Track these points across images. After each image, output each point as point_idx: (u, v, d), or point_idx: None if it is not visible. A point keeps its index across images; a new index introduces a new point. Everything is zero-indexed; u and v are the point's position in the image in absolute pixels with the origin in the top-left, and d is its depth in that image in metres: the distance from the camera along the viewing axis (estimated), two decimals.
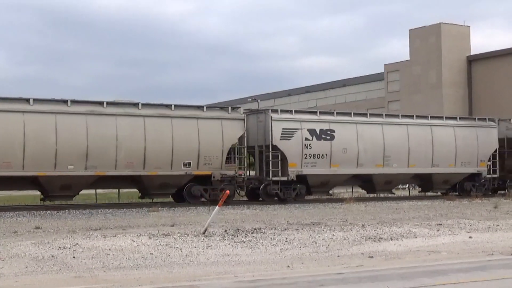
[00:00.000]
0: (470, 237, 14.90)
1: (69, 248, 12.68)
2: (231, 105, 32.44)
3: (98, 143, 25.44)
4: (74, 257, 11.69)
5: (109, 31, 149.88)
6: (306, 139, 29.61)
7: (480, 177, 35.06)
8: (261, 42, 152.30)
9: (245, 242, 13.83)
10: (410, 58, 60.44)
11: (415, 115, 34.43)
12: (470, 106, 58.19)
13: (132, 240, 13.69)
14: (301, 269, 10.67)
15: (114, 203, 29.56)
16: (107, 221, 19.60)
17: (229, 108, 28.96)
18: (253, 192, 30.34)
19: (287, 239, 14.34)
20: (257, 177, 29.79)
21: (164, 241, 13.70)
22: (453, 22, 59.29)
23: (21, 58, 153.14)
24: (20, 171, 24.42)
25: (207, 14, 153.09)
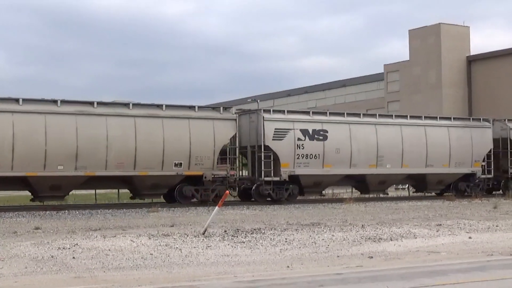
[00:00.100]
0: (469, 238, 14.91)
1: (69, 248, 12.68)
2: (230, 106, 32.40)
3: (88, 143, 25.26)
4: (73, 258, 11.69)
5: (109, 31, 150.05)
6: (298, 139, 29.47)
7: (474, 177, 34.82)
8: (261, 42, 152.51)
9: (244, 242, 13.84)
10: (409, 58, 60.44)
11: (408, 115, 34.27)
12: (469, 106, 58.19)
13: (131, 240, 13.69)
14: (301, 270, 10.67)
15: (113, 203, 29.54)
16: (106, 222, 19.59)
17: (221, 108, 28.72)
18: (246, 192, 30.16)
19: (286, 239, 14.34)
20: (249, 177, 29.67)
21: (163, 241, 13.70)
22: (453, 22, 59.35)
23: (21, 58, 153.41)
24: (9, 172, 24.25)
25: (207, 14, 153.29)
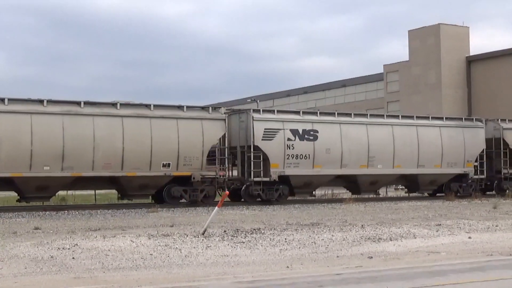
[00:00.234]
0: (469, 238, 14.92)
1: (69, 248, 12.67)
2: (229, 106, 32.34)
3: (74, 143, 25.02)
4: (73, 258, 11.69)
5: (109, 32, 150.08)
6: (288, 140, 29.27)
7: (467, 178, 34.56)
8: (261, 42, 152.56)
9: (244, 242, 13.83)
10: (409, 58, 60.42)
11: (400, 115, 34.12)
12: (469, 106, 58.19)
13: (131, 240, 13.69)
14: (300, 270, 10.67)
15: (113, 203, 29.52)
16: (106, 222, 19.58)
17: (210, 108, 28.46)
18: (236, 193, 29.89)
19: (286, 239, 14.34)
20: (239, 177, 29.44)
21: (163, 241, 13.69)
22: (453, 23, 59.34)
23: (21, 59, 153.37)
24: None
25: (207, 15, 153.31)
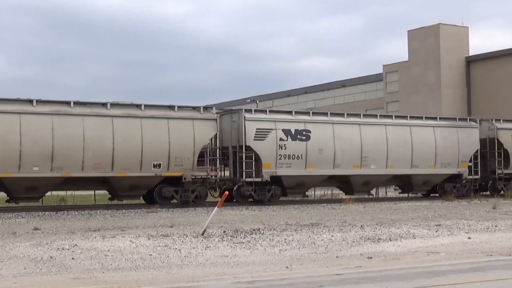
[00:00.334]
0: (469, 238, 14.91)
1: (68, 249, 12.66)
2: (229, 106, 32.26)
3: (64, 143, 24.90)
4: (73, 258, 11.68)
5: (108, 32, 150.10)
6: (280, 140, 29.13)
7: (461, 178, 34.40)
8: (261, 43, 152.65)
9: (244, 243, 13.83)
10: (408, 59, 60.43)
11: (393, 115, 33.99)
12: (468, 106, 58.21)
13: (131, 241, 13.68)
14: (300, 270, 10.66)
15: (113, 204, 29.51)
16: (106, 222, 19.57)
17: (201, 108, 28.23)
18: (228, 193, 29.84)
19: (286, 240, 14.33)
20: (231, 178, 29.25)
21: (163, 242, 13.68)
22: (452, 23, 59.35)
23: (20, 59, 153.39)
24: None
25: (207, 15, 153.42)
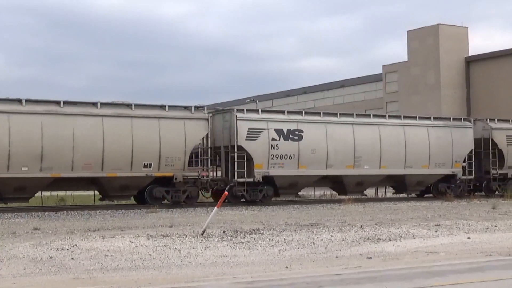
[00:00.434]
0: (468, 238, 14.91)
1: (68, 249, 12.65)
2: (228, 106, 32.19)
3: (53, 143, 24.73)
4: (72, 259, 11.67)
5: (108, 32, 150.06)
6: (273, 139, 28.96)
7: (455, 178, 34.23)
8: (260, 43, 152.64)
9: (243, 243, 13.82)
10: (408, 59, 60.43)
11: (387, 115, 33.80)
12: (468, 107, 58.21)
13: (130, 241, 13.68)
14: (300, 270, 10.67)
15: (112, 204, 29.51)
16: (105, 222, 19.56)
17: (192, 107, 27.97)
18: (220, 193, 29.23)
19: (285, 240, 14.33)
20: (223, 178, 29.07)
21: (162, 242, 13.68)
22: (452, 23, 59.38)
23: (20, 60, 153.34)
24: None
25: (207, 15, 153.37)
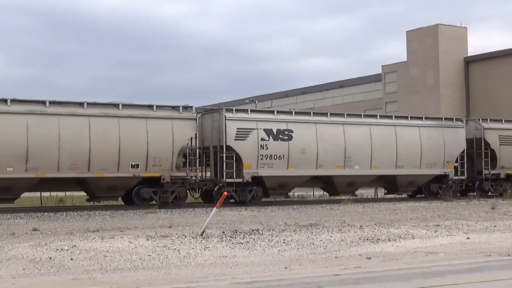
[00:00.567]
0: (467, 238, 14.92)
1: (67, 250, 12.64)
2: (228, 106, 32.12)
3: (39, 144, 24.55)
4: (71, 259, 11.67)
5: (108, 32, 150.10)
6: (262, 139, 28.77)
7: (447, 178, 34.03)
8: (260, 43, 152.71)
9: (242, 243, 13.82)
10: (407, 59, 60.48)
11: (378, 115, 33.67)
12: (467, 107, 58.26)
13: (130, 241, 13.67)
14: (299, 271, 10.67)
15: (112, 204, 29.50)
16: (105, 223, 19.55)
17: (180, 107, 27.74)
18: (209, 194, 29.16)
19: (284, 240, 14.33)
20: (211, 178, 28.90)
21: (162, 242, 13.67)
22: (451, 23, 59.44)
23: (20, 60, 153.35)
24: None
25: (206, 15, 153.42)
